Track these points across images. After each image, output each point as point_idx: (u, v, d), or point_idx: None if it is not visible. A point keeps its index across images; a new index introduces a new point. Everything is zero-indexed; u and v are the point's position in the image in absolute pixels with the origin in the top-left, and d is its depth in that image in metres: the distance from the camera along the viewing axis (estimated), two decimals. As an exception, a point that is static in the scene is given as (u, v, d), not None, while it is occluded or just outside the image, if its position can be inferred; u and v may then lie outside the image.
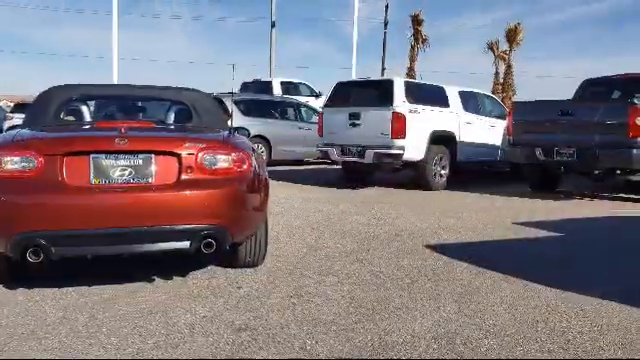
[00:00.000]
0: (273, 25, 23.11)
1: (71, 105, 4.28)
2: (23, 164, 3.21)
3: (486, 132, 10.46)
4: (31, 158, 3.21)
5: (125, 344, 2.74)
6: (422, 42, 35.08)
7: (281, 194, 8.01)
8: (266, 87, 17.98)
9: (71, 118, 4.33)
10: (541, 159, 8.65)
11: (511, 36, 34.17)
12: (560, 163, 8.54)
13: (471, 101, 10.48)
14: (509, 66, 34.96)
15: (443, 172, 9.56)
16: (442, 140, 9.49)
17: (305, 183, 9.95)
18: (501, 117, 10.93)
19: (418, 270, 4.21)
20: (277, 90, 17.98)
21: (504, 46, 35.33)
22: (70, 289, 3.53)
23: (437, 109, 9.50)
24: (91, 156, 3.29)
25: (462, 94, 10.22)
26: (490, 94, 12.93)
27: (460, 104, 10.03)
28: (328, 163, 13.33)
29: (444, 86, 10.05)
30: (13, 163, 3.21)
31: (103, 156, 3.31)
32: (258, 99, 14.20)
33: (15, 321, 3.00)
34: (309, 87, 19.39)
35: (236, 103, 11.27)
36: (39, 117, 4.04)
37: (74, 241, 3.23)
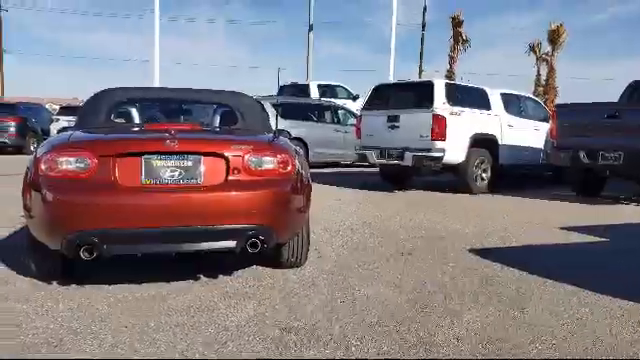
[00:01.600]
0: (311, 28, 23.27)
1: (121, 107, 4.41)
2: (78, 164, 3.33)
3: (528, 135, 10.27)
4: (85, 159, 3.32)
5: (174, 341, 2.80)
6: (462, 43, 34.57)
7: (320, 196, 8.01)
8: (303, 90, 18.06)
9: (121, 120, 4.45)
10: (586, 162, 8.45)
11: (554, 37, 33.37)
12: (606, 167, 8.33)
13: (513, 103, 10.32)
14: (552, 68, 34.15)
15: (484, 175, 9.44)
16: (483, 143, 9.36)
17: (343, 185, 9.96)
18: (544, 120, 10.74)
19: (462, 274, 4.17)
20: (314, 93, 18.03)
21: (546, 48, 34.55)
22: (119, 286, 3.63)
23: (478, 111, 9.38)
24: (143, 157, 3.39)
25: (504, 96, 10.07)
26: (532, 96, 12.70)
27: (502, 106, 9.88)
28: (365, 166, 13.32)
29: (485, 88, 9.92)
30: (68, 163, 3.33)
31: (154, 157, 3.40)
32: (295, 102, 14.30)
33: (70, 316, 3.11)
34: (346, 90, 19.38)
35: (274, 106, 11.38)
36: (91, 119, 4.17)
37: (126, 239, 3.32)
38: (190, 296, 3.49)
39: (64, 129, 4.25)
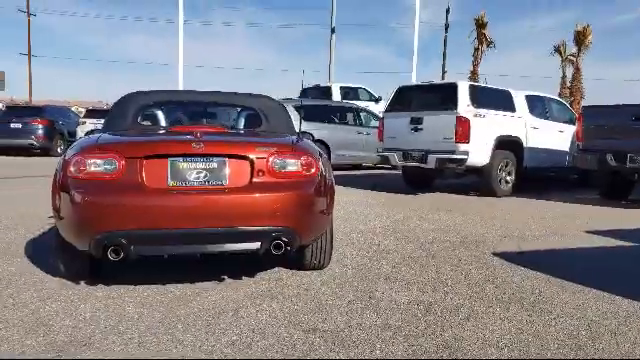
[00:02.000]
0: (333, 31, 23.31)
1: (147, 110, 4.47)
2: (106, 166, 3.38)
3: (554, 137, 10.14)
4: (113, 161, 3.38)
5: (200, 341, 2.83)
6: (486, 45, 34.29)
7: (342, 198, 8.03)
8: (325, 92, 18.06)
9: (147, 123, 4.51)
10: (613, 165, 8.31)
11: (580, 38, 32.90)
12: (634, 170, 8.19)
13: (538, 105, 10.21)
14: (577, 69, 33.68)
15: (509, 178, 9.34)
16: (508, 145, 9.27)
17: (365, 188, 9.94)
18: (570, 122, 10.60)
19: (486, 278, 4.13)
20: (336, 95, 18.03)
21: (572, 49, 34.09)
22: (145, 287, 3.68)
23: (503, 113, 9.29)
24: (169, 159, 3.43)
25: (529, 98, 9.96)
26: (558, 98, 12.52)
27: (527, 108, 9.77)
28: (387, 168, 13.29)
29: (510, 90, 9.81)
30: (96, 165, 3.38)
31: (180, 159, 3.44)
32: (317, 104, 14.32)
33: (97, 315, 3.16)
34: (368, 92, 19.34)
35: (296, 108, 11.42)
36: (118, 121, 4.23)
37: (152, 241, 3.36)
38: (215, 297, 3.52)
39: (92, 132, 4.32)
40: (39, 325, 2.99)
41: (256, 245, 3.48)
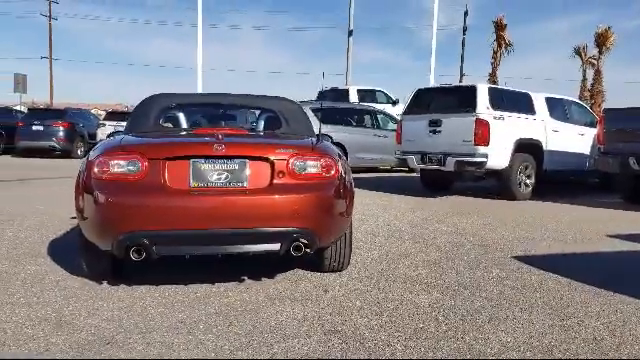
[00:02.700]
0: (350, 34, 23.30)
1: (169, 112, 4.52)
2: (129, 167, 3.42)
3: (574, 140, 10.03)
4: (136, 162, 3.41)
5: (221, 341, 2.85)
6: (505, 47, 34.00)
7: (360, 201, 8.01)
8: (343, 95, 18.06)
9: (169, 125, 4.56)
10: (636, 169, 8.19)
11: (601, 40, 32.48)
12: (657, 173, 8.06)
13: (558, 108, 10.10)
14: (598, 72, 33.24)
15: (528, 181, 9.26)
16: (527, 148, 9.19)
17: (383, 190, 9.92)
18: (590, 125, 10.47)
19: (507, 281, 4.10)
20: (354, 98, 18.02)
21: (593, 51, 33.66)
22: (166, 286, 3.71)
23: (522, 116, 9.21)
24: (191, 161, 3.46)
25: (549, 101, 9.87)
26: (578, 101, 12.38)
27: (547, 111, 9.68)
28: (405, 171, 13.26)
29: (530, 92, 9.73)
30: (120, 167, 3.42)
31: (202, 161, 3.47)
32: (335, 107, 14.31)
33: (120, 315, 3.19)
34: (386, 94, 19.30)
35: (314, 111, 11.44)
36: (140, 123, 4.28)
37: (174, 241, 3.39)
38: (235, 298, 3.54)
39: (114, 133, 4.38)
40: (63, 324, 3.04)
41: (276, 246, 3.49)
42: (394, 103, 18.39)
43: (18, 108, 25.69)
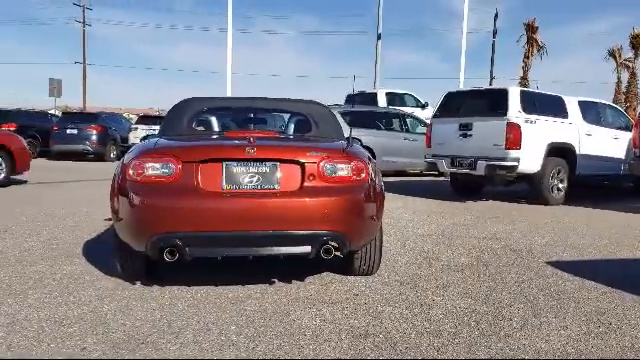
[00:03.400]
0: (379, 37, 23.22)
1: (201, 116, 4.58)
2: (163, 170, 3.47)
3: (608, 144, 9.82)
4: (171, 165, 3.47)
5: (253, 343, 2.86)
6: (537, 50, 33.47)
7: (389, 205, 7.97)
8: (371, 99, 18.03)
9: (201, 128, 4.62)
10: (673, 173, 7.97)
11: (636, 42, 31.74)
12: (696, 178, 7.83)
13: (592, 111, 9.90)
14: (633, 74, 32.49)
15: (561, 186, 9.09)
16: (560, 152, 9.02)
17: (412, 194, 9.85)
18: (625, 128, 10.24)
19: (540, 287, 4.03)
20: (382, 101, 17.98)
21: (628, 53, 32.92)
22: (198, 288, 3.76)
23: (555, 120, 9.05)
24: (224, 163, 3.49)
25: (582, 104, 9.68)
26: (613, 104, 12.12)
27: (580, 114, 9.49)
28: (434, 175, 13.14)
29: (562, 96, 9.56)
30: (154, 169, 3.48)
31: (234, 163, 3.51)
32: (363, 110, 14.29)
33: (153, 315, 3.24)
34: (415, 98, 19.20)
35: (342, 115, 11.44)
36: (173, 126, 4.34)
37: (207, 243, 3.43)
38: (266, 300, 3.56)
39: (148, 136, 4.45)
40: (98, 323, 3.09)
41: (306, 249, 3.50)
42: (423, 106, 18.28)
43: (53, 112, 26.34)
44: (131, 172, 3.49)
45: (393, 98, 18.58)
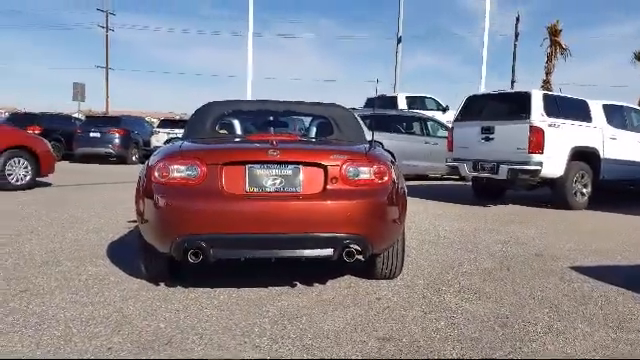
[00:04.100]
0: (399, 41, 23.18)
1: (224, 119, 4.61)
2: (188, 172, 3.51)
3: (634, 148, 9.67)
4: (195, 167, 3.50)
5: (276, 345, 2.87)
6: (561, 53, 33.04)
7: (411, 209, 7.92)
8: (391, 102, 17.96)
9: (224, 131, 4.66)
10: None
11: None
12: None
13: (617, 115, 9.75)
14: (661, 77, 31.88)
15: (584, 190, 8.97)
16: (584, 156, 8.91)
17: (433, 198, 9.80)
18: (652, 132, 10.05)
19: (564, 292, 3.98)
20: (402, 105, 17.90)
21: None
22: (221, 289, 3.78)
23: (578, 123, 8.94)
24: (247, 166, 3.52)
25: (606, 108, 9.54)
26: (638, 108, 11.90)
27: (604, 118, 9.37)
28: (455, 179, 13.06)
29: (586, 99, 9.44)
30: (179, 171, 3.52)
31: (257, 166, 3.53)
32: (383, 114, 14.25)
33: (177, 316, 3.27)
34: (435, 101, 19.08)
35: (362, 118, 11.42)
36: (197, 129, 4.39)
37: (230, 244, 3.45)
38: (288, 302, 3.57)
39: (172, 139, 4.50)
40: (124, 323, 3.13)
41: (329, 252, 3.50)
42: (444, 110, 18.17)
43: (76, 116, 26.74)
44: (156, 174, 3.53)
45: (413, 101, 18.49)
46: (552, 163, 8.45)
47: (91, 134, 18.87)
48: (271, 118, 5.15)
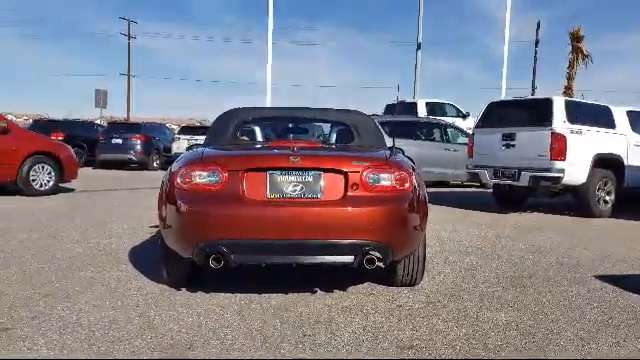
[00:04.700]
0: (419, 47, 23.10)
1: (245, 126, 4.65)
2: (210, 178, 3.54)
3: (659, 156, 9.48)
4: (217, 173, 3.53)
5: (297, 350, 2.88)
6: (582, 59, 32.59)
7: (431, 216, 7.85)
8: (411, 108, 17.92)
9: (245, 138, 4.69)
10: None
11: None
12: None
13: (641, 121, 9.59)
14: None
15: (608, 198, 8.84)
16: (607, 163, 8.79)
17: (454, 205, 9.74)
18: (678, 139, 9.86)
19: (589, 301, 3.92)
20: (422, 111, 17.83)
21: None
22: (241, 295, 3.80)
23: (601, 130, 8.82)
24: (268, 172, 3.54)
25: (631, 114, 9.40)
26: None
27: (628, 125, 9.23)
28: (476, 186, 12.96)
29: (609, 106, 9.31)
30: (202, 177, 3.55)
31: (278, 172, 3.54)
32: (403, 120, 14.22)
33: (198, 321, 3.29)
34: (455, 107, 18.99)
35: (381, 124, 11.40)
36: (219, 136, 4.43)
37: (251, 250, 3.47)
38: (309, 308, 3.57)
39: (194, 146, 4.54)
40: (146, 327, 3.16)
41: (349, 258, 3.49)
42: (464, 116, 18.07)
43: (99, 122, 27.14)
44: (179, 180, 3.57)
45: (433, 108, 18.42)
46: (574, 170, 8.35)
47: (113, 140, 19.13)
48: (291, 125, 5.18)
